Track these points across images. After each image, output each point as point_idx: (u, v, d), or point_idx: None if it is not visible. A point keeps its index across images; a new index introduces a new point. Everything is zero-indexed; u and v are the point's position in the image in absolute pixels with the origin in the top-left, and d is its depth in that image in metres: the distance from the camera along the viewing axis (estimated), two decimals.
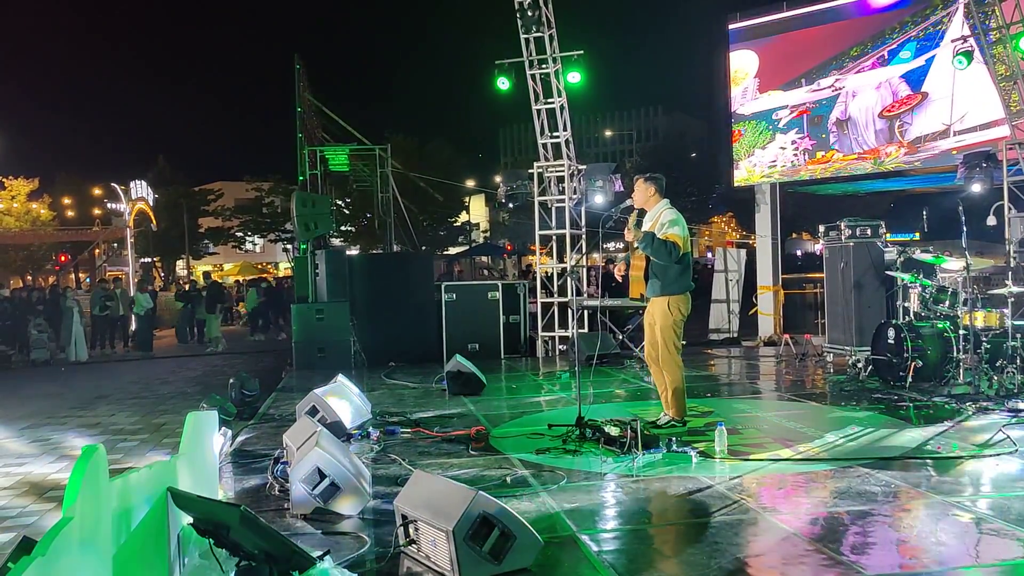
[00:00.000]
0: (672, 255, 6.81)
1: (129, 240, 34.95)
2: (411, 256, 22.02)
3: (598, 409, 7.81)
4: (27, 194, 44.72)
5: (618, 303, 13.08)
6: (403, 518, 4.12)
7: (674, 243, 6.81)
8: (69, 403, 11.50)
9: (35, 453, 8.08)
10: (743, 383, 10.41)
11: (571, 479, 5.49)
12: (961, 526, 4.34)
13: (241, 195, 57.23)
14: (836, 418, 7.46)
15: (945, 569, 3.64)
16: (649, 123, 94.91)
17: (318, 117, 18.67)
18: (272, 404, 9.48)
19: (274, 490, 5.48)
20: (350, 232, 48.08)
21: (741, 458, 5.94)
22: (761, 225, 16.17)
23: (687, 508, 4.84)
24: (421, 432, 7.31)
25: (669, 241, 6.82)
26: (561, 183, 14.07)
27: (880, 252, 10.54)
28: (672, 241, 6.82)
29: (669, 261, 6.84)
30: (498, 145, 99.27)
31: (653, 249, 6.87)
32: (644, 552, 4.22)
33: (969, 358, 8.49)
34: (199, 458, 4.21)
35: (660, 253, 6.85)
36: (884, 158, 14.32)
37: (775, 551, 4.07)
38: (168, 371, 15.34)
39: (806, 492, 5.12)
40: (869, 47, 14.46)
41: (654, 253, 6.89)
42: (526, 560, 3.86)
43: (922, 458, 5.83)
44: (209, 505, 3.53)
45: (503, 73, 13.90)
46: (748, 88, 15.97)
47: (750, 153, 15.96)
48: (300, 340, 13.03)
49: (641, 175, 7.37)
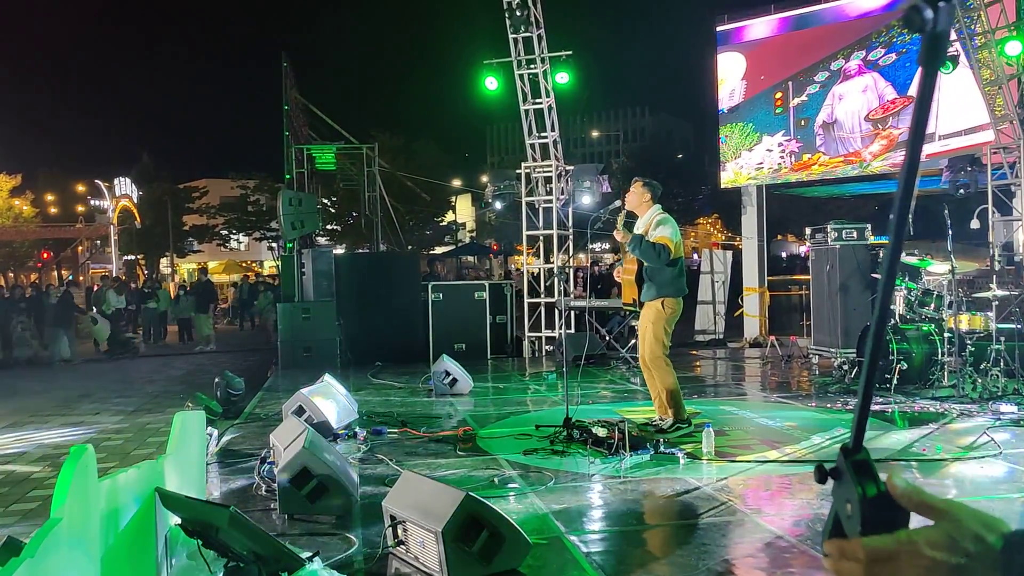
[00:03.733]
0: (661, 257, 6.77)
1: (113, 237, 34.72)
2: (398, 255, 21.98)
3: (585, 410, 7.81)
4: (9, 190, 44.31)
5: (605, 304, 13.10)
6: (391, 519, 4.11)
7: (663, 245, 6.78)
8: (53, 402, 11.41)
9: (18, 452, 8.02)
10: (729, 384, 10.45)
11: (559, 480, 5.49)
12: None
13: (226, 193, 56.92)
14: (822, 420, 7.50)
15: None
16: (636, 124, 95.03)
17: (305, 115, 18.58)
18: (258, 403, 9.44)
19: (261, 490, 5.46)
20: (336, 231, 47.94)
21: (728, 459, 5.96)
22: (747, 227, 16.22)
23: (675, 509, 4.86)
24: (408, 432, 7.29)
25: (658, 243, 6.80)
26: (549, 183, 14.08)
27: (866, 255, 10.61)
28: (661, 243, 6.79)
29: (659, 263, 6.82)
30: (485, 145, 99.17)
31: (641, 251, 6.84)
32: (633, 553, 4.23)
33: (954, 361, 8.55)
34: (186, 458, 4.18)
35: (649, 255, 6.83)
36: (870, 160, 14.40)
37: (763, 552, 4.08)
38: (153, 370, 15.25)
39: (793, 494, 5.14)
40: (856, 51, 14.53)
41: (643, 255, 6.87)
42: (515, 561, 3.86)
43: (907, 460, 5.87)
44: (198, 506, 3.51)
45: (491, 72, 13.89)
46: (735, 90, 16.02)
47: (737, 155, 16.01)
48: (286, 339, 12.97)
49: (640, 178, 7.33)
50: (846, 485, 0.94)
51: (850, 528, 0.94)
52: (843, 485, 0.95)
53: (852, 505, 0.93)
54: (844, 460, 0.94)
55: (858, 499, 0.92)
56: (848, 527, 0.95)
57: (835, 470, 0.95)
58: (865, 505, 0.91)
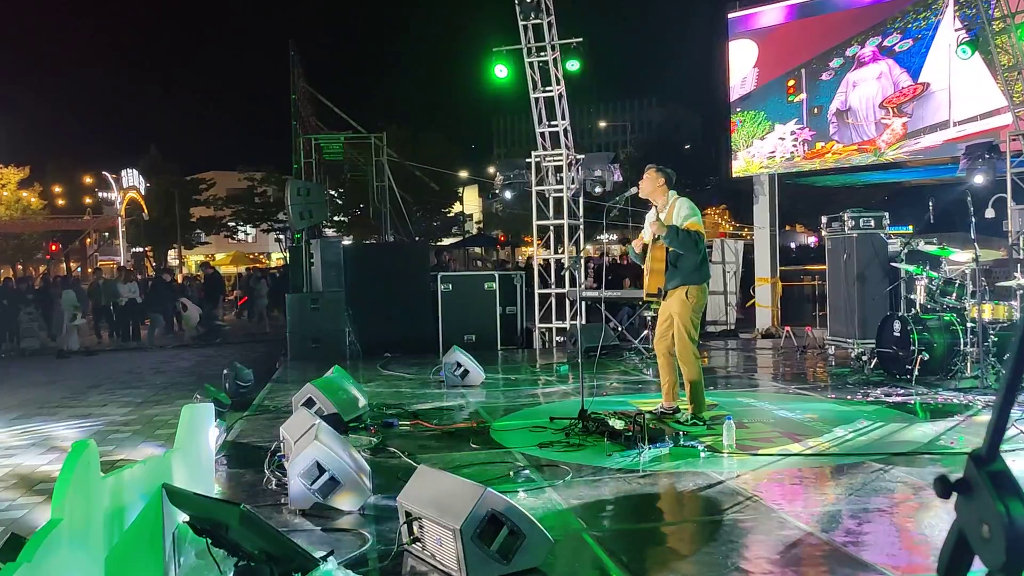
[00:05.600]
0: (699, 246, 6.69)
1: (120, 229, 34.64)
2: (407, 246, 21.83)
3: (599, 402, 7.65)
4: (17, 182, 44.25)
5: (618, 294, 12.94)
6: (407, 515, 3.97)
7: (698, 232, 6.68)
8: (60, 393, 11.30)
9: (25, 444, 7.90)
10: (745, 376, 10.27)
11: (577, 474, 5.34)
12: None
13: (233, 185, 56.91)
14: (843, 412, 7.32)
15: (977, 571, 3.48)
16: (643, 115, 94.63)
17: (312, 105, 18.44)
18: (267, 395, 9.31)
19: (271, 484, 5.32)
20: (343, 223, 47.81)
21: (750, 453, 5.80)
22: (759, 216, 16.02)
23: (699, 505, 4.70)
24: (420, 425, 7.15)
25: (693, 231, 6.66)
26: (559, 172, 13.89)
27: (884, 244, 10.42)
28: (696, 231, 6.68)
29: (696, 252, 6.69)
30: (491, 136, 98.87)
31: (680, 241, 6.63)
32: (657, 551, 4.08)
33: (976, 351, 8.36)
34: (194, 452, 4.04)
35: (687, 244, 6.64)
36: (884, 148, 14.18)
37: (793, 550, 3.92)
38: (162, 361, 15.14)
39: (820, 488, 4.98)
40: (870, 37, 14.30)
41: (680, 245, 6.65)
42: (536, 560, 3.72)
43: (936, 453, 5.70)
44: (207, 503, 3.36)
45: (501, 60, 13.68)
46: (747, 78, 15.81)
47: (749, 144, 15.80)
48: (294, 331, 12.85)
49: (653, 165, 7.17)
50: (980, 501, 0.76)
51: (989, 557, 0.76)
52: (975, 501, 0.77)
53: (991, 527, 0.75)
54: (977, 471, 0.76)
55: (1002, 520, 0.74)
56: (986, 554, 0.76)
57: (963, 482, 0.77)
58: (1011, 529, 0.74)
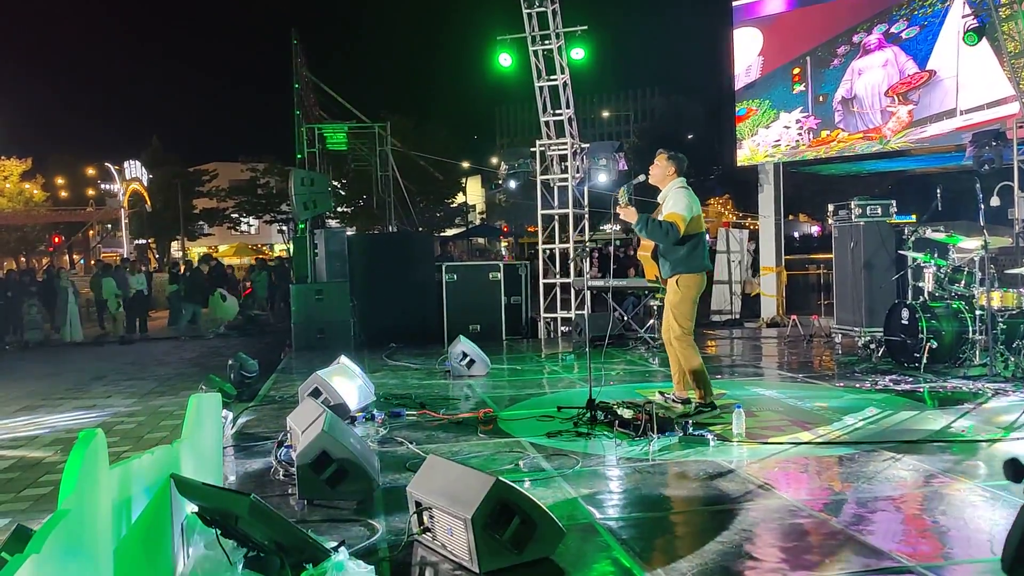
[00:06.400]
0: (669, 236, 6.50)
1: (123, 221, 34.61)
2: (411, 236, 21.78)
3: (607, 391, 7.60)
4: (20, 174, 44.23)
5: (624, 283, 12.88)
6: (417, 505, 3.93)
7: (671, 223, 6.48)
8: (65, 384, 11.28)
9: (30, 435, 7.88)
10: (752, 364, 10.22)
11: (586, 463, 5.30)
12: (1002, 513, 4.16)
13: (236, 176, 56.92)
14: (853, 400, 7.28)
15: (995, 559, 3.43)
16: (646, 104, 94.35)
17: (315, 94, 18.36)
18: (273, 386, 9.28)
19: (278, 474, 5.29)
20: (346, 213, 47.77)
21: (760, 441, 5.76)
22: (764, 205, 15.93)
23: (710, 493, 4.65)
24: (427, 414, 7.12)
25: (665, 222, 6.53)
26: (564, 162, 13.82)
27: (891, 232, 10.35)
28: (669, 221, 6.51)
29: (667, 242, 6.58)
30: (494, 127, 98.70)
31: (648, 232, 6.59)
32: (670, 539, 4.04)
33: (985, 339, 8.31)
34: (202, 443, 4.00)
35: (656, 234, 6.59)
36: (890, 136, 14.09)
37: (808, 538, 3.88)
38: (166, 352, 15.12)
39: (832, 477, 4.94)
40: (876, 24, 14.20)
41: (649, 235, 6.63)
42: (548, 549, 3.68)
43: (948, 441, 5.65)
44: (216, 493, 3.32)
45: (505, 48, 13.59)
46: (752, 67, 15.71)
47: (753, 132, 15.71)
48: (299, 321, 12.83)
49: (664, 151, 7.07)
50: None
51: None
52: None
53: None
54: None
55: None
56: None
57: None
58: None
